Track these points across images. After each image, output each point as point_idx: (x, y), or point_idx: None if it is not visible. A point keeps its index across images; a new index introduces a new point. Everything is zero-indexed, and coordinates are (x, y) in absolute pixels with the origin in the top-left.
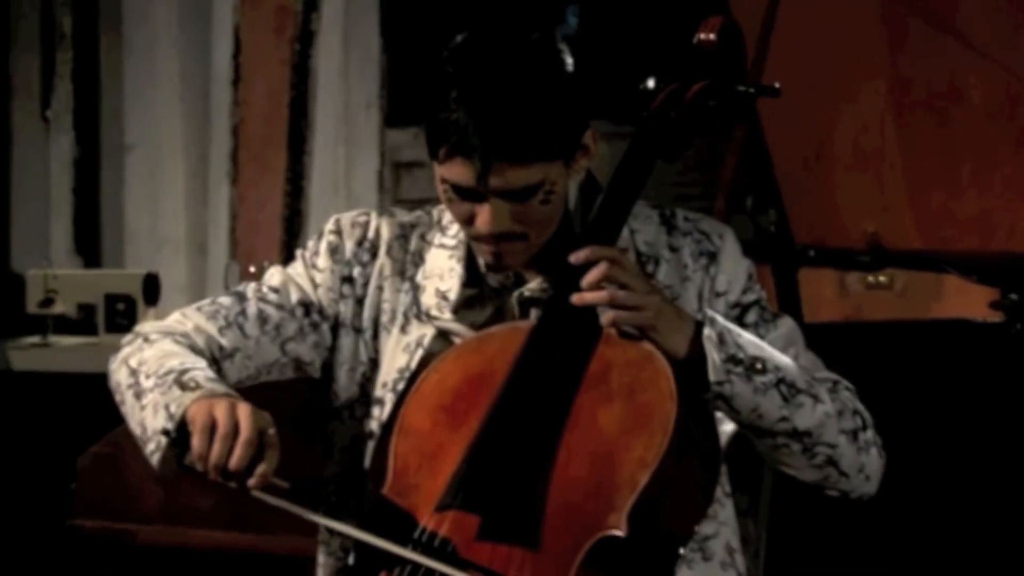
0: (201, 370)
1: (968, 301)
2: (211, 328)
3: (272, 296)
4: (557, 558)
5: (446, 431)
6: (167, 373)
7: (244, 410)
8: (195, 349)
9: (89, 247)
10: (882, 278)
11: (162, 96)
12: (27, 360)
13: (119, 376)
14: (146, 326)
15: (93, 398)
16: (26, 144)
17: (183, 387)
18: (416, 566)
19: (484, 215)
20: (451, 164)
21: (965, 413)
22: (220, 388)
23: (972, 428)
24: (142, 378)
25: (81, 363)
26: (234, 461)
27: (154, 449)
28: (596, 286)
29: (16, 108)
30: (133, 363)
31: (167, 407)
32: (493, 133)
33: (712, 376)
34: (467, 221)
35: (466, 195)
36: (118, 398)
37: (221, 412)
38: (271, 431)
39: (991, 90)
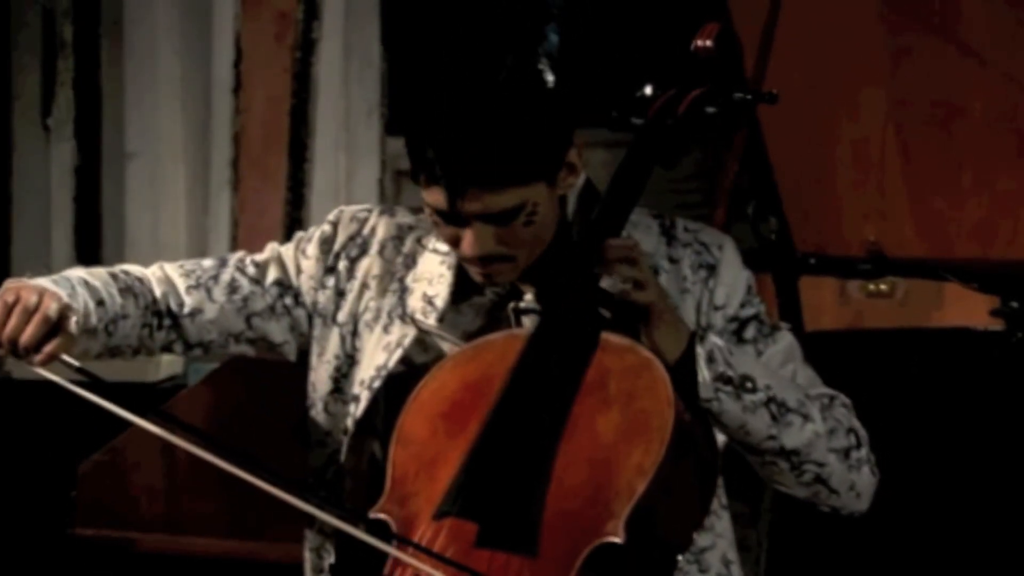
0: (61, 281)
1: (969, 309)
2: (179, 284)
3: (251, 269)
4: (555, 565)
5: (444, 439)
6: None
7: (51, 294)
8: (134, 290)
9: (90, 255)
10: (883, 286)
11: (163, 104)
12: (28, 368)
13: None
14: (122, 264)
15: (94, 406)
16: (27, 152)
17: None
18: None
19: (468, 239)
20: (430, 190)
21: (966, 421)
22: (48, 286)
23: (973, 436)
24: None
25: None
26: (25, 336)
27: None
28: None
29: (17, 116)
30: None
31: None
32: (461, 164)
33: (701, 393)
34: (454, 243)
35: (449, 219)
36: None
37: (26, 291)
38: (74, 319)
39: (992, 98)
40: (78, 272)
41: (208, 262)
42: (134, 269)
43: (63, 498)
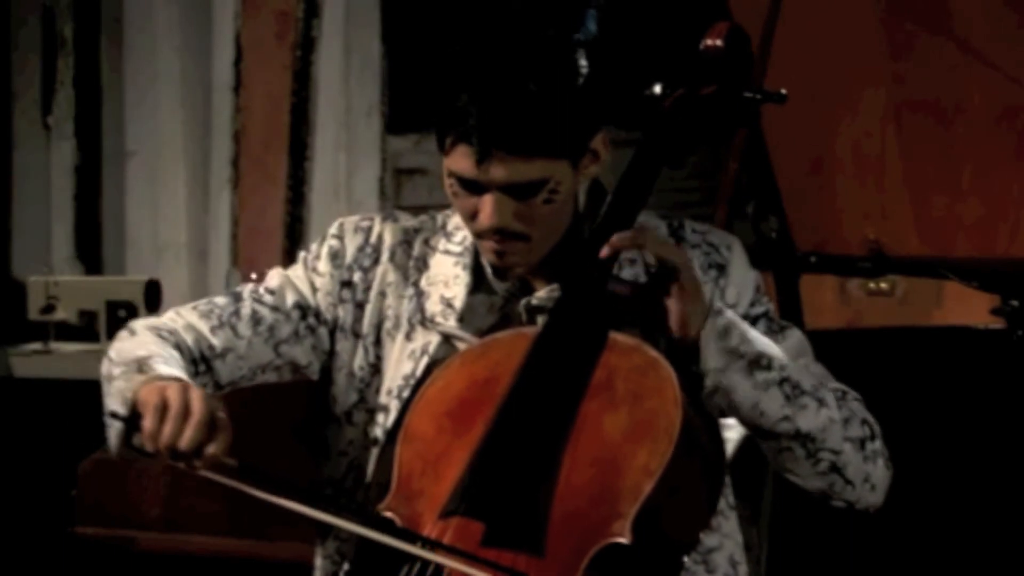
0: (163, 358)
1: (969, 307)
2: (203, 327)
3: (268, 298)
4: (561, 565)
5: (451, 437)
6: (133, 361)
7: (195, 392)
8: (180, 346)
9: (90, 254)
10: (883, 284)
11: (163, 102)
12: (28, 367)
13: (102, 367)
14: (138, 321)
15: (94, 405)
16: (27, 150)
17: (141, 372)
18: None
19: (486, 208)
20: (455, 154)
21: (966, 420)
22: (174, 373)
23: (973, 435)
24: (114, 367)
25: (82, 370)
26: (184, 441)
27: (112, 436)
28: (625, 238)
29: (17, 114)
30: (112, 354)
31: (123, 393)
32: (495, 121)
33: (711, 364)
34: (471, 216)
35: (470, 187)
36: (103, 389)
37: (172, 393)
38: (221, 413)
39: (992, 96)
40: (150, 345)
41: (221, 299)
42: (162, 323)
43: (63, 497)
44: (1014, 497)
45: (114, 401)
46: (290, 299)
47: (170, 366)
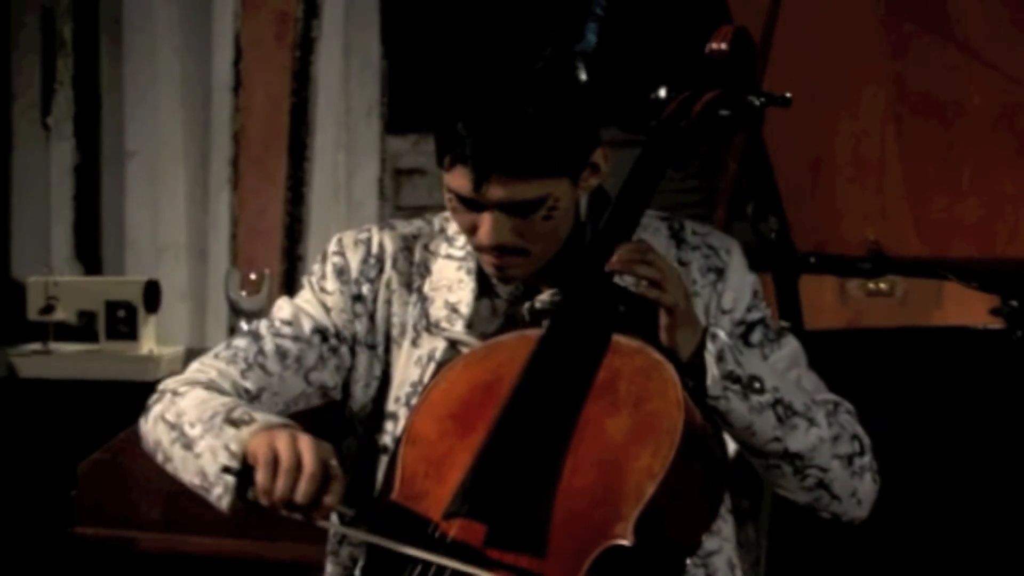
0: (245, 405)
1: (969, 308)
2: (233, 372)
3: (286, 329)
4: (563, 566)
5: (454, 439)
6: (213, 416)
7: (305, 442)
8: (224, 394)
9: (90, 254)
10: (883, 285)
11: (163, 103)
12: (28, 367)
13: (157, 434)
14: (169, 382)
15: (94, 405)
16: (26, 150)
17: (235, 424)
18: (426, 570)
19: (485, 226)
20: (454, 173)
21: (966, 420)
22: (275, 419)
23: (973, 435)
24: (187, 428)
25: (82, 370)
26: (300, 495)
27: (221, 492)
28: (626, 262)
29: (16, 114)
30: (171, 417)
31: (226, 447)
32: (491, 146)
33: (710, 391)
34: (470, 231)
35: (469, 205)
36: (160, 457)
37: (283, 445)
38: (333, 461)
39: (991, 97)
40: (213, 397)
41: (241, 341)
42: (196, 377)
43: (63, 497)
44: (1014, 497)
45: (214, 460)
46: (307, 326)
47: (261, 411)
